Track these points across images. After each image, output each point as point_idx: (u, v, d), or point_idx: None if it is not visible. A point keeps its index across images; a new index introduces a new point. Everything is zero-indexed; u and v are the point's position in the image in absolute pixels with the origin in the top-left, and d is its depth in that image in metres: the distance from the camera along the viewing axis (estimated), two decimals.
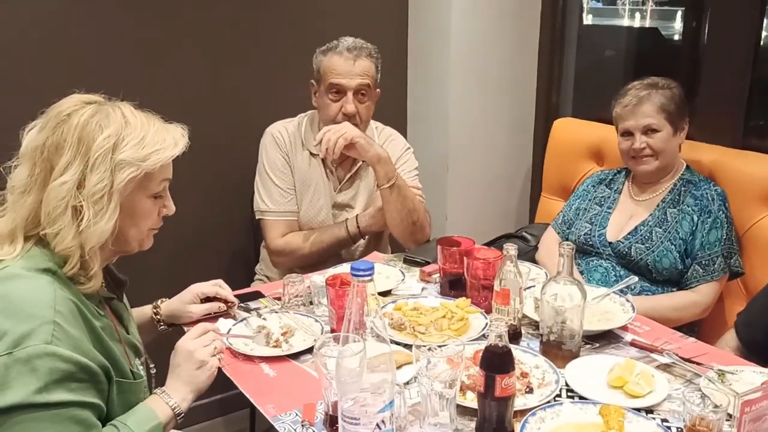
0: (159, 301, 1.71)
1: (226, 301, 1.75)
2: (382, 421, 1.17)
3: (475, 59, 2.83)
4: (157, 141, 1.25)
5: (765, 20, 2.38)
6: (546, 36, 2.95)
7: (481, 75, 2.86)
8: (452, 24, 2.75)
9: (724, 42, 2.40)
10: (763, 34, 2.44)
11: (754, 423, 0.97)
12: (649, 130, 2.07)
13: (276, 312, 1.76)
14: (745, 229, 2.12)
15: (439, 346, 1.41)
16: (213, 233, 2.55)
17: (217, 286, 1.74)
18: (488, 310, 1.70)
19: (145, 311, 1.67)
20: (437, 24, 2.80)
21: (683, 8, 2.86)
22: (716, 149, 2.29)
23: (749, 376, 1.41)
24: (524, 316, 1.67)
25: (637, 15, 4.84)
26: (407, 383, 1.42)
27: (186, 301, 1.70)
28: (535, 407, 1.31)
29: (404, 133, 2.71)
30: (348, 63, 2.12)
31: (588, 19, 3.73)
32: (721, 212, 2.04)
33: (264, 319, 1.72)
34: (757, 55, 2.39)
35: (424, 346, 1.34)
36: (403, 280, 1.94)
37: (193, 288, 1.73)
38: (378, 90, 2.24)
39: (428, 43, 2.86)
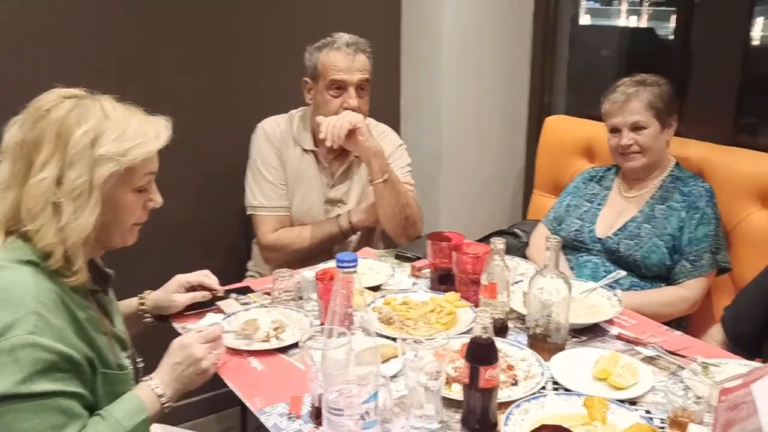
0: (146, 292, 1.71)
1: (211, 290, 1.75)
2: (366, 413, 1.18)
3: (468, 57, 2.85)
4: (138, 134, 1.25)
5: (753, 19, 2.40)
6: (538, 35, 2.97)
7: (473, 73, 2.88)
8: (445, 21, 2.76)
9: (715, 41, 2.42)
10: (752, 33, 2.46)
11: (731, 411, 0.98)
12: (636, 127, 2.08)
13: (265, 307, 1.77)
14: (733, 225, 2.13)
15: (427, 339, 1.43)
16: (204, 229, 2.56)
17: (203, 276, 1.75)
18: (477, 305, 1.70)
19: (131, 303, 1.67)
20: (430, 22, 2.81)
21: (675, 8, 2.88)
22: (706, 146, 2.30)
23: (733, 368, 1.42)
24: (512, 310, 1.68)
25: (634, 15, 4.88)
26: (394, 376, 1.42)
27: (170, 291, 1.70)
28: (520, 399, 1.32)
29: (398, 130, 2.72)
30: (348, 58, 2.13)
31: (586, 19, 3.75)
32: (708, 208, 2.05)
33: (247, 309, 1.73)
34: (746, 53, 2.41)
35: (410, 338, 1.36)
36: (392, 275, 1.95)
37: (177, 277, 1.73)
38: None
39: (421, 40, 2.87)
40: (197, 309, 1.74)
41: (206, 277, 1.75)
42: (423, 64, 2.89)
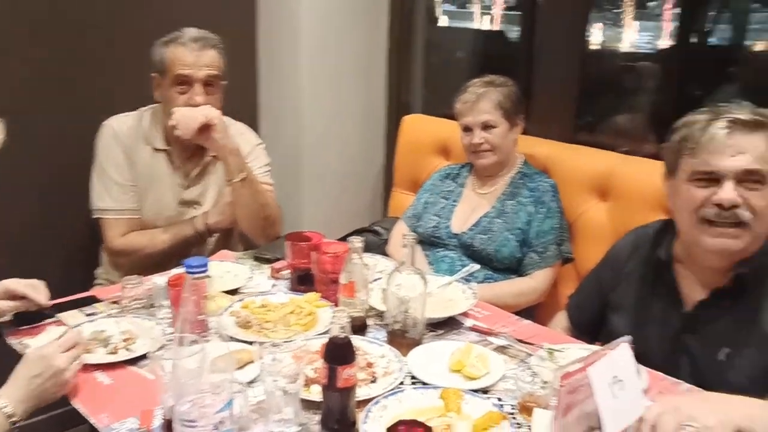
0: None
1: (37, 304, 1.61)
2: (221, 422, 1.14)
3: (326, 55, 2.85)
4: None
5: (589, 25, 2.58)
6: (394, 36, 3.02)
7: (332, 72, 2.88)
8: (302, 18, 2.75)
9: (556, 44, 2.57)
10: (590, 38, 2.65)
11: (571, 394, 1.04)
12: (486, 126, 2.18)
13: (113, 317, 1.67)
14: (575, 218, 2.28)
15: (284, 342, 1.41)
16: (48, 235, 2.37)
17: (31, 287, 1.60)
18: (338, 304, 1.70)
19: None
20: (287, 18, 2.78)
21: (521, 12, 3.03)
22: (551, 144, 2.44)
23: (575, 352, 1.51)
24: (371, 308, 1.69)
25: (487, 18, 5.10)
26: (251, 382, 1.39)
27: None
28: (378, 396, 1.33)
29: (256, 129, 2.68)
30: (194, 54, 2.06)
31: (443, 21, 3.88)
32: (553, 203, 2.18)
33: (93, 320, 1.62)
34: (584, 57, 2.58)
35: (267, 342, 1.33)
36: (251, 277, 1.91)
37: (3, 282, 1.58)
38: (224, 81, 2.18)
39: (279, 38, 2.84)
40: (35, 323, 1.60)
41: (33, 288, 1.60)
42: (281, 62, 2.86)
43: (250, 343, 1.51)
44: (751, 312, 1.47)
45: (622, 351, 1.12)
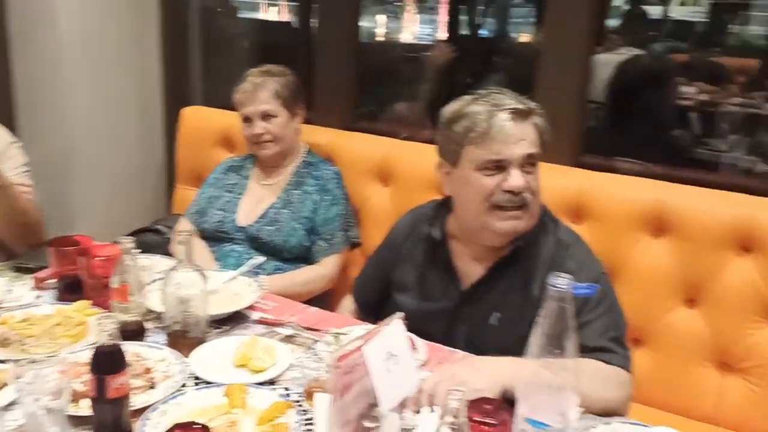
0: None
1: None
2: None
3: (90, 44, 2.66)
4: None
5: (364, 16, 2.65)
6: (166, 25, 2.88)
7: (98, 62, 2.69)
8: (58, 6, 2.52)
9: (332, 35, 2.61)
10: (366, 29, 2.73)
11: (347, 375, 1.05)
12: (266, 116, 2.16)
13: None
14: (361, 203, 2.34)
15: (47, 357, 1.29)
16: None
17: None
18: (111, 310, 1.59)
19: None
20: (42, 9, 2.54)
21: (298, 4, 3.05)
22: (333, 132, 2.48)
23: (360, 334, 1.54)
24: (149, 311, 1.60)
25: (274, 8, 5.10)
26: (10, 405, 1.25)
27: None
28: (156, 401, 1.26)
29: (13, 125, 2.41)
30: None
31: (228, 12, 3.78)
32: (338, 189, 2.22)
33: None
34: (360, 47, 2.65)
35: (25, 359, 1.20)
36: (10, 290, 1.71)
37: None
38: None
39: (33, 26, 2.58)
40: None
41: None
42: (38, 51, 2.61)
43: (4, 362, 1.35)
44: (522, 279, 1.57)
45: (395, 327, 1.16)
